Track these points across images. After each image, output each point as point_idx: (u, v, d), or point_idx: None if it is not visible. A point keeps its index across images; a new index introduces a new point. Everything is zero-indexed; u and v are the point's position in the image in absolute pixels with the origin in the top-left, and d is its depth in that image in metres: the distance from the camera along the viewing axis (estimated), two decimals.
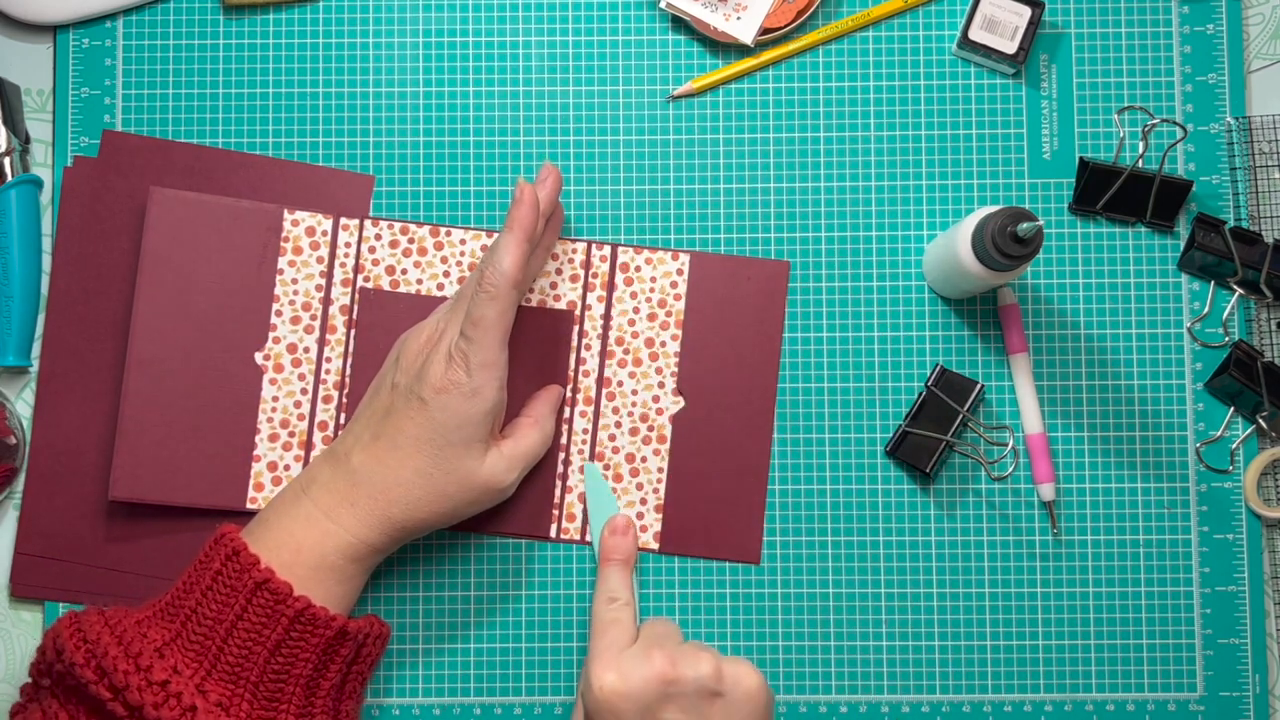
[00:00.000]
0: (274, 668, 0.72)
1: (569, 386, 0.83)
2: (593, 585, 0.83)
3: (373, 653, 0.77)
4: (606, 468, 0.83)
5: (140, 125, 0.85)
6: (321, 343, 0.83)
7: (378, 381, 0.79)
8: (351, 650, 0.74)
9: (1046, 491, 0.83)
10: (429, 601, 0.83)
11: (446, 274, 0.83)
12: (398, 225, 0.84)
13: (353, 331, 0.83)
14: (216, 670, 0.71)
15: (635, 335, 0.84)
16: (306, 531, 0.74)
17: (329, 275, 0.83)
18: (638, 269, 0.84)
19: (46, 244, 0.84)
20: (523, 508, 0.83)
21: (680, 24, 0.85)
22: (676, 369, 0.83)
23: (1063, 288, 0.84)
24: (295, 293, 0.83)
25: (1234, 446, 0.84)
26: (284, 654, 0.72)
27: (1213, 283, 0.84)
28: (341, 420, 0.83)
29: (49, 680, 0.73)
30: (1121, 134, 0.84)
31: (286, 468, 0.82)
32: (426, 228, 0.84)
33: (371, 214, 0.84)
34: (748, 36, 0.84)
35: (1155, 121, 0.82)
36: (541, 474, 0.83)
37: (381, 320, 0.83)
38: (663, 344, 0.84)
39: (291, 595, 0.71)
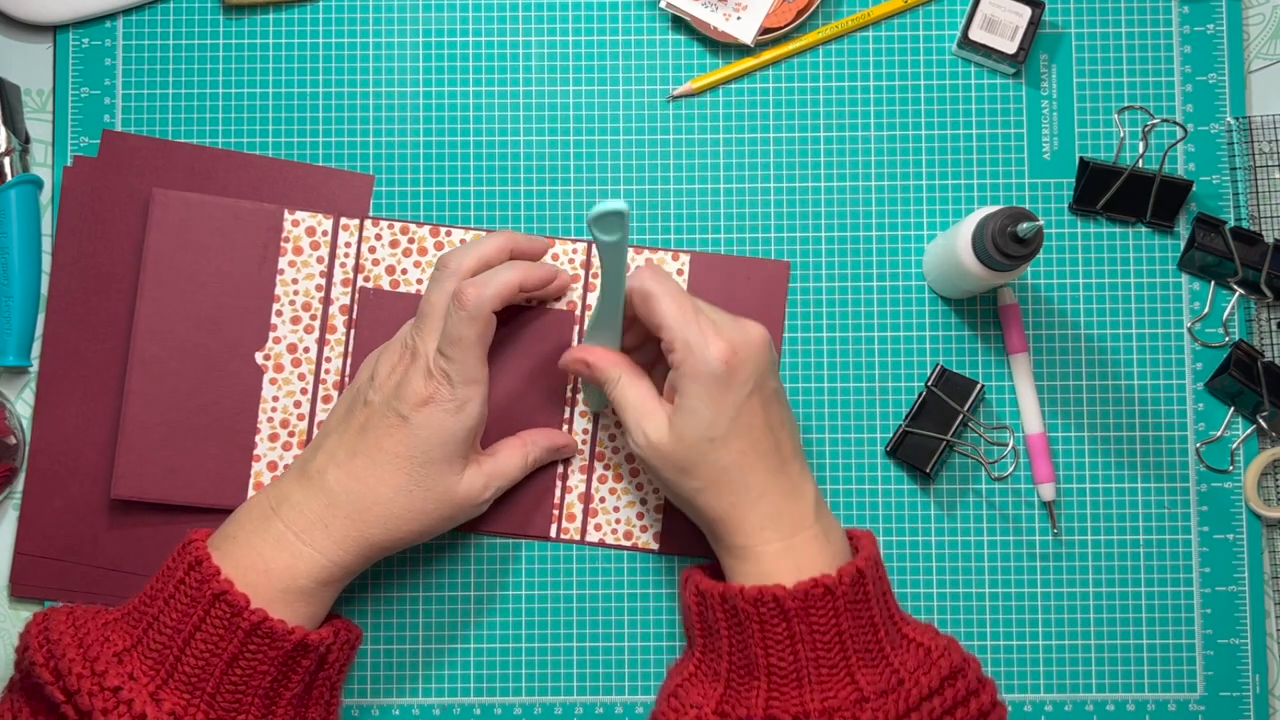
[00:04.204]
0: (231, 679, 0.71)
1: (569, 386, 0.83)
2: (592, 586, 0.83)
3: (340, 659, 0.76)
4: (607, 468, 0.83)
5: (140, 125, 0.85)
6: (321, 343, 0.83)
7: (349, 399, 0.77)
8: (314, 661, 0.73)
9: (1046, 491, 0.83)
10: (428, 601, 0.83)
11: None
12: (398, 225, 0.84)
13: (353, 331, 0.83)
14: (174, 679, 0.70)
15: None
16: (277, 554, 0.73)
17: (329, 275, 0.83)
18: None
19: (46, 244, 0.84)
20: (523, 508, 0.83)
21: (680, 24, 0.85)
22: None
23: (1063, 288, 0.84)
24: (295, 293, 0.83)
25: (1234, 446, 0.84)
26: (241, 666, 0.71)
27: (1213, 283, 0.84)
28: None
29: (19, 675, 0.73)
30: (1121, 134, 0.84)
31: (286, 467, 0.82)
32: (426, 228, 0.84)
33: (371, 214, 0.84)
34: (748, 36, 0.84)
35: (1155, 121, 0.82)
36: (541, 474, 0.82)
37: (381, 320, 0.83)
38: None
39: (248, 608, 0.70)
